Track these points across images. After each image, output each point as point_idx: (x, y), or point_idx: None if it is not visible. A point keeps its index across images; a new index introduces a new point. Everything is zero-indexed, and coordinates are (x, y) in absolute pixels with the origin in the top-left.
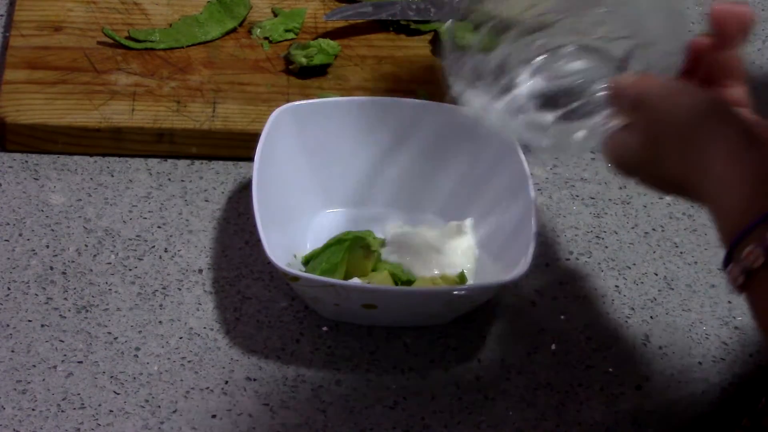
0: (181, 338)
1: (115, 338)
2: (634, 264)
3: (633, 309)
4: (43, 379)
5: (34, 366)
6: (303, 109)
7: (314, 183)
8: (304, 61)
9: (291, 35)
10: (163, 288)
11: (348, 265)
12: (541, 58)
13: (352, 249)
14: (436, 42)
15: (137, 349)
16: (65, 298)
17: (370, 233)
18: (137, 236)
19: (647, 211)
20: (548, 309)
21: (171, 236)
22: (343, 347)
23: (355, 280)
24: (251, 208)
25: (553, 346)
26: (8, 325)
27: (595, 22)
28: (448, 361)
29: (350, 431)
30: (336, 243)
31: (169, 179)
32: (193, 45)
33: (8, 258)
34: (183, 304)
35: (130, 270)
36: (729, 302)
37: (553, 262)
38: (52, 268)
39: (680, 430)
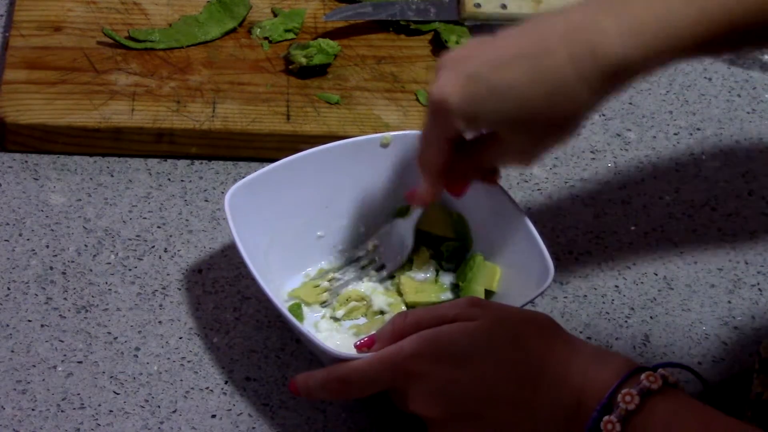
0: (180, 338)
1: (115, 338)
2: (634, 264)
3: (633, 309)
4: (43, 379)
5: (34, 366)
6: (256, 181)
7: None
8: (303, 61)
9: (291, 35)
10: (163, 288)
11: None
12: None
13: None
14: (436, 42)
15: (137, 349)
16: (65, 298)
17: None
18: (137, 236)
19: (647, 211)
20: (548, 309)
21: (171, 236)
22: None
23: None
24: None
25: None
26: (8, 325)
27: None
28: None
29: (350, 431)
30: None
31: (169, 179)
32: (192, 45)
33: (8, 258)
34: (183, 304)
35: (130, 270)
36: (729, 302)
37: (553, 262)
38: (52, 268)
39: None
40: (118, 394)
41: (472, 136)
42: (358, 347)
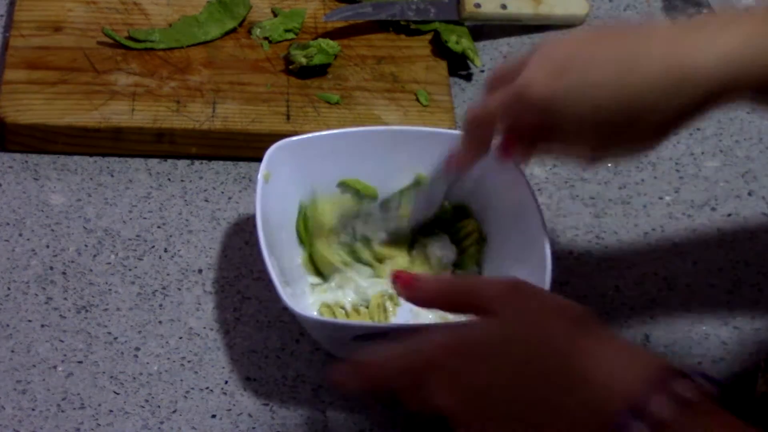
0: (180, 338)
1: (115, 338)
2: (634, 264)
3: (633, 309)
4: (43, 379)
5: (34, 366)
6: (300, 144)
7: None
8: (304, 61)
9: (291, 35)
10: (163, 288)
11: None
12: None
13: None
14: (436, 42)
15: (137, 349)
16: (65, 298)
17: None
18: (137, 236)
19: (647, 211)
20: None
21: (171, 236)
22: None
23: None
24: (263, 264)
25: None
26: (8, 325)
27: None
28: None
29: (350, 431)
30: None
31: (169, 179)
32: (193, 45)
33: (8, 258)
34: (183, 304)
35: (130, 270)
36: (728, 302)
37: (553, 262)
38: (52, 268)
39: None
40: (118, 394)
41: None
42: (396, 274)
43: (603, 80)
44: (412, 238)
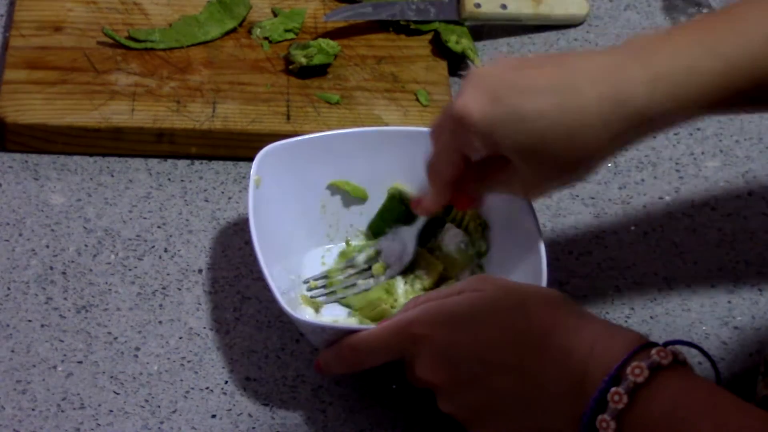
0: (180, 338)
1: (115, 338)
2: (634, 264)
3: (633, 309)
4: (43, 379)
5: (34, 366)
6: (290, 147)
7: (307, 221)
8: (304, 61)
9: (291, 35)
10: (163, 288)
11: None
12: None
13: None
14: (436, 42)
15: (137, 349)
16: (65, 298)
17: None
18: (137, 236)
19: (647, 211)
20: None
21: (171, 236)
22: None
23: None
24: (257, 263)
25: None
26: (8, 325)
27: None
28: None
29: (350, 431)
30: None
31: (169, 179)
32: (193, 45)
33: (8, 258)
34: (183, 304)
35: (130, 270)
36: (729, 302)
37: (553, 262)
38: (52, 268)
39: None
40: (118, 394)
41: (483, 156)
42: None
43: (541, 109)
44: (426, 248)
